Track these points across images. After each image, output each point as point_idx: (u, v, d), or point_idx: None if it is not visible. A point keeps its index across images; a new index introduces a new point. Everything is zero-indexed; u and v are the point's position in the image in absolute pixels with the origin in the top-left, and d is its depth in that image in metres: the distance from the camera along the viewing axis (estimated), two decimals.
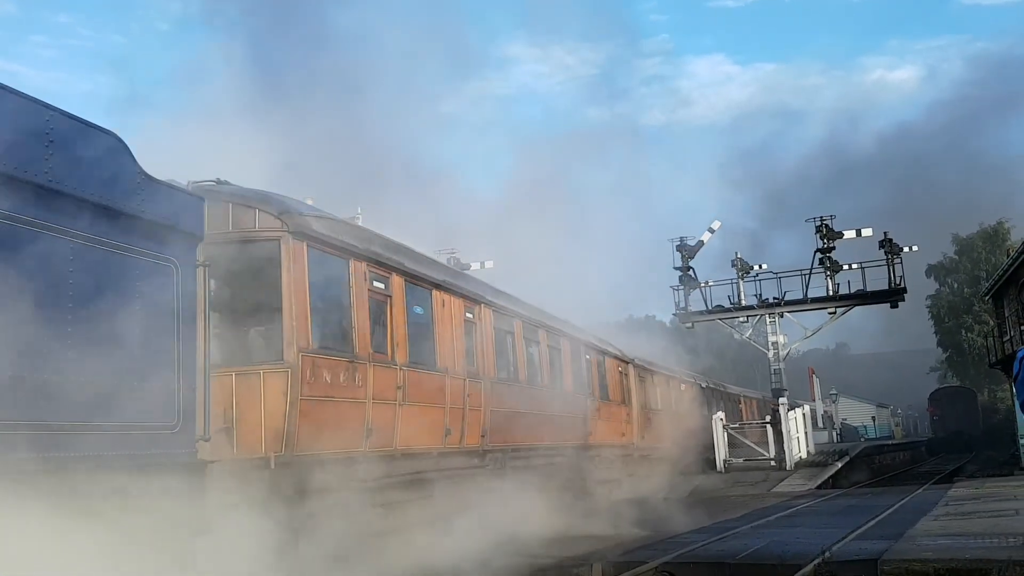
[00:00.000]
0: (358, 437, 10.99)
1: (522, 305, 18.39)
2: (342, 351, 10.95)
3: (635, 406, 25.71)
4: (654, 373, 28.78)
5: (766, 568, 10.74)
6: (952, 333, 64.35)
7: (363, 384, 11.06)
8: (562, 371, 19.64)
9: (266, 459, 9.51)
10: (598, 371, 22.54)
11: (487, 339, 15.59)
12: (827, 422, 50.99)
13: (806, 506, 19.48)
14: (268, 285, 10.21)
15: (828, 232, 33.40)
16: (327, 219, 11.46)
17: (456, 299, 14.53)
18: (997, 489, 18.87)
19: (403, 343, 12.30)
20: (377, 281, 11.97)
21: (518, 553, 12.81)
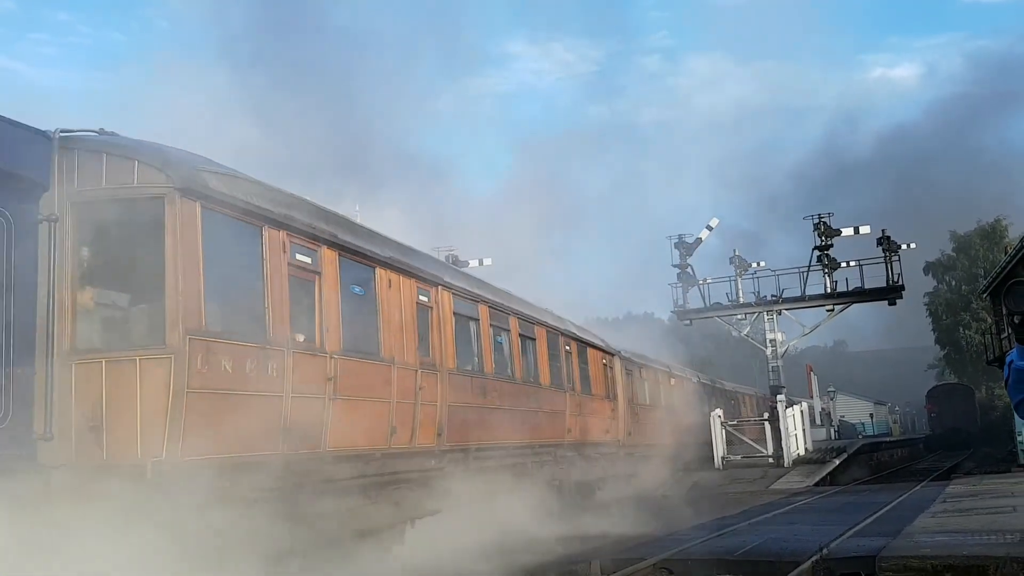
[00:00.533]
0: (272, 437, 9.24)
1: (489, 289, 16.87)
2: (250, 335, 9.10)
3: (621, 401, 24.35)
4: (643, 367, 27.62)
5: (764, 565, 10.69)
6: (950, 330, 64.03)
7: (279, 375, 9.30)
8: (536, 362, 18.05)
9: (141, 465, 7.75)
10: (579, 363, 20.94)
11: (445, 325, 13.83)
12: (825, 419, 50.95)
13: (804, 503, 19.44)
14: (150, 253, 8.31)
15: (826, 229, 33.30)
16: (232, 177, 9.51)
17: (407, 279, 12.77)
18: (994, 486, 18.74)
19: (335, 328, 10.56)
20: (302, 254, 10.23)
21: (511, 551, 12.88)
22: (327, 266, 10.76)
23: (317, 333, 10.31)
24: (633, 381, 26.20)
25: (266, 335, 9.31)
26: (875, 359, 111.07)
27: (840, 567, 10.12)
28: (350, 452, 10.84)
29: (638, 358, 27.29)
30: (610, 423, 23.17)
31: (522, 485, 15.95)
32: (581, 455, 20.37)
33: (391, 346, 11.90)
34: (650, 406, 27.83)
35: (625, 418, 24.45)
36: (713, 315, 35.59)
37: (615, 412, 23.75)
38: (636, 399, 26.25)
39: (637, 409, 26.06)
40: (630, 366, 26.00)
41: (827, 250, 33.30)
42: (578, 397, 20.30)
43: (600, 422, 22.28)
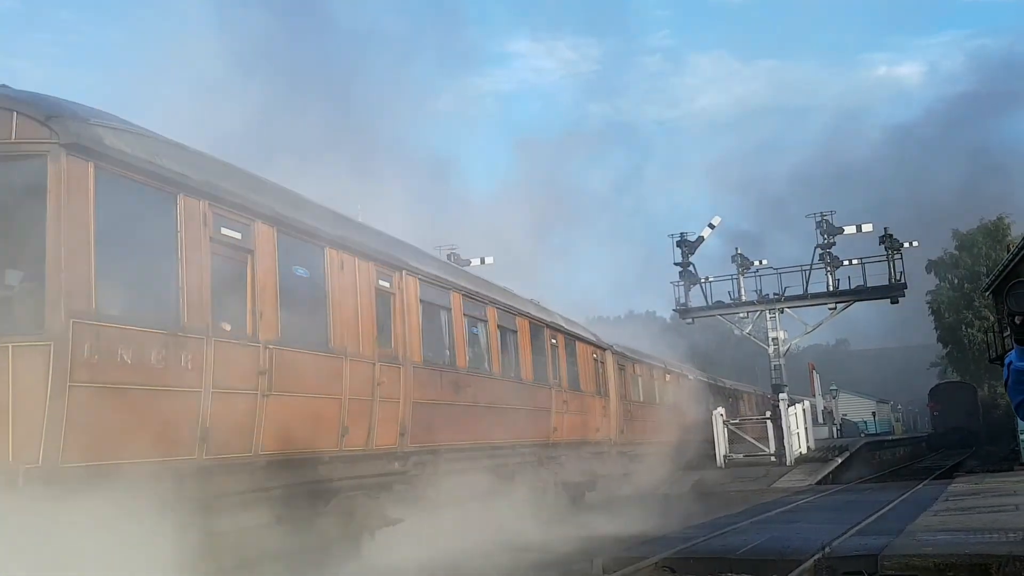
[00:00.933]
0: (186, 440, 7.91)
1: (462, 276, 15.75)
2: (157, 321, 7.72)
3: (613, 398, 23.35)
4: (637, 362, 26.72)
5: (766, 564, 10.60)
6: (952, 329, 63.75)
7: (195, 367, 7.98)
8: (518, 356, 16.74)
9: (12, 472, 6.48)
10: (567, 358, 19.73)
11: (410, 314, 12.47)
12: (827, 418, 50.92)
13: (806, 502, 19.35)
14: (30, 222, 7.01)
15: (828, 228, 33.30)
16: (138, 135, 8.05)
17: (363, 262, 11.41)
18: (997, 484, 18.68)
19: (272, 314, 9.20)
20: (229, 228, 8.89)
21: (514, 548, 12.83)
22: (262, 244, 9.36)
23: (248, 320, 8.94)
24: (626, 377, 25.25)
25: (179, 321, 7.96)
26: (877, 357, 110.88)
27: (842, 566, 10.07)
28: (291, 456, 9.48)
29: (632, 353, 26.43)
30: (601, 421, 22.11)
31: (503, 488, 14.96)
32: (569, 455, 19.32)
33: (343, 336, 10.60)
34: (645, 403, 27.05)
35: (618, 416, 23.50)
36: (715, 313, 35.53)
37: (607, 409, 22.74)
38: (629, 396, 25.33)
39: (631, 406, 25.19)
40: (623, 361, 25.08)
41: (829, 248, 33.26)
42: (565, 393, 19.12)
43: (590, 420, 21.21)
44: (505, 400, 15.66)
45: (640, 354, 27.62)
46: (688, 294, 35.13)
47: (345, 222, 11.81)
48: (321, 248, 10.62)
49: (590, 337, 22.28)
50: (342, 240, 11.04)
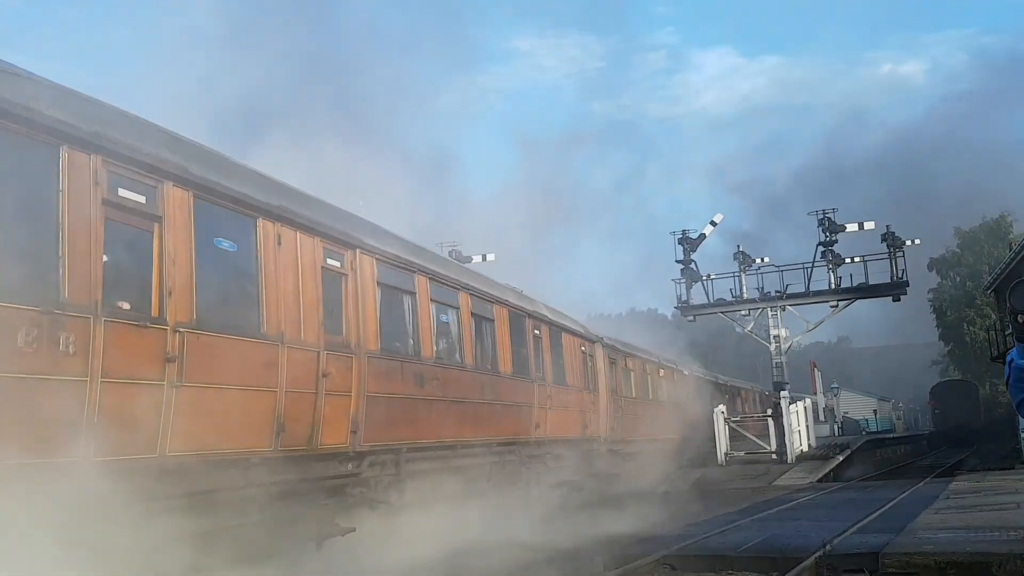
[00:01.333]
0: (65, 437, 6.70)
1: (430, 258, 14.18)
2: (26, 296, 6.49)
3: (604, 393, 22.26)
4: (630, 356, 25.69)
5: (767, 561, 10.56)
6: (954, 327, 63.68)
7: (79, 352, 6.78)
8: (495, 347, 15.54)
9: None
10: (551, 350, 18.54)
11: (365, 298, 11.16)
12: (828, 415, 50.92)
13: (807, 499, 19.29)
14: None
15: (830, 225, 33.28)
16: (13, 74, 6.93)
17: (307, 237, 10.15)
18: (998, 483, 18.61)
19: (185, 293, 7.95)
20: (130, 190, 7.64)
21: (516, 545, 12.75)
22: (174, 210, 8.06)
23: (154, 298, 7.69)
24: (617, 372, 24.14)
25: (58, 297, 6.74)
26: (879, 355, 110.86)
27: (843, 563, 10.04)
28: (209, 457, 8.23)
29: (623, 346, 25.38)
30: (590, 418, 20.95)
31: (477, 489, 14.00)
32: (555, 453, 18.25)
33: (279, 320, 9.32)
34: (638, 399, 26.14)
35: (608, 412, 22.42)
36: (717, 311, 35.52)
37: (596, 405, 21.63)
38: (621, 391, 24.29)
39: (623, 402, 24.13)
40: (614, 355, 24.00)
41: (831, 246, 33.25)
42: (549, 388, 17.95)
43: (577, 416, 20.01)
44: (480, 395, 14.47)
45: (633, 348, 26.71)
46: (690, 291, 35.13)
47: (288, 192, 10.42)
48: (252, 219, 9.29)
49: (578, 329, 21.18)
50: (280, 211, 9.68)
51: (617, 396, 23.66)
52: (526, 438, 16.70)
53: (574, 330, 20.68)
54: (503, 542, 12.09)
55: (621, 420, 23.56)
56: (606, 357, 23.03)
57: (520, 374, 16.58)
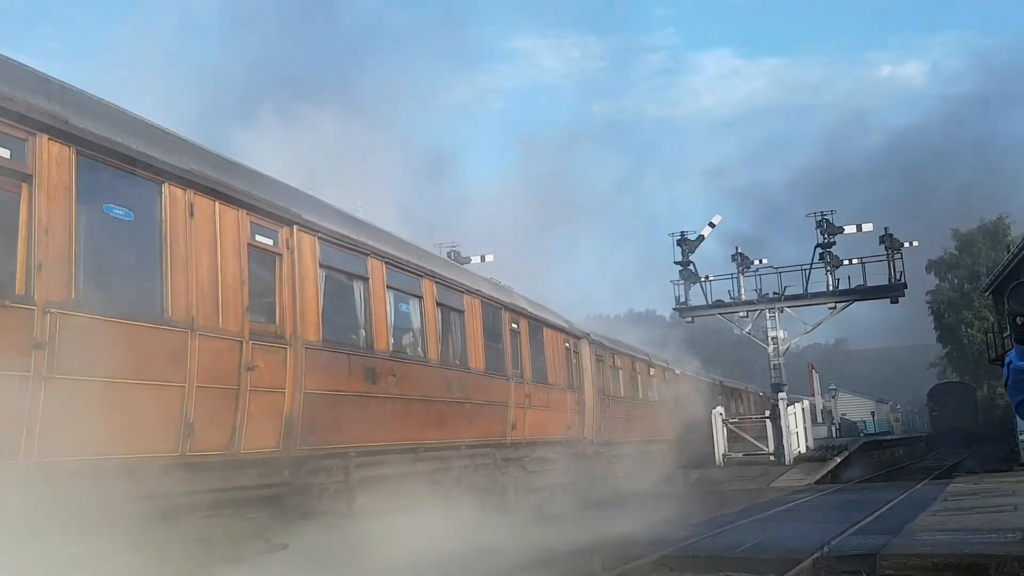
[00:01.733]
0: None
1: (390, 240, 12.56)
2: None
3: (590, 392, 21.01)
4: (618, 354, 24.56)
5: (765, 562, 10.52)
6: (952, 329, 63.67)
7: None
8: (464, 341, 14.18)
9: None
10: (531, 345, 17.33)
11: (305, 282, 9.91)
12: (826, 417, 50.97)
13: (805, 501, 19.28)
14: None
15: (828, 227, 33.33)
16: None
17: (229, 208, 8.82)
18: (996, 485, 18.57)
19: (61, 266, 6.81)
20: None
21: (516, 545, 12.72)
22: (49, 168, 6.85)
23: (20, 274, 6.56)
24: (605, 370, 22.97)
25: None
26: (877, 357, 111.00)
27: (841, 565, 10.03)
28: (91, 464, 6.88)
29: (612, 343, 24.36)
30: (574, 418, 19.59)
31: (446, 496, 12.79)
32: (533, 456, 17.14)
33: (189, 303, 8.04)
34: (627, 399, 25.08)
35: (594, 412, 21.25)
36: (715, 312, 35.52)
37: (581, 405, 20.32)
38: (609, 390, 23.20)
39: (610, 402, 22.99)
40: (602, 352, 22.85)
41: (829, 248, 33.28)
42: (528, 386, 16.64)
43: (559, 416, 18.70)
44: (446, 393, 13.07)
45: (622, 345, 25.71)
46: (688, 293, 35.16)
47: (207, 156, 9.03)
48: (158, 184, 7.96)
49: (561, 324, 19.89)
50: (194, 176, 8.33)
51: (604, 395, 22.52)
52: (501, 440, 15.37)
53: (557, 325, 19.40)
54: (473, 551, 11.26)
55: (609, 421, 22.49)
56: (593, 354, 21.95)
57: (494, 371, 15.23)
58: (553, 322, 19.12)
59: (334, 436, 10.15)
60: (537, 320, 18.03)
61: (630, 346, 26.67)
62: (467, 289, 14.62)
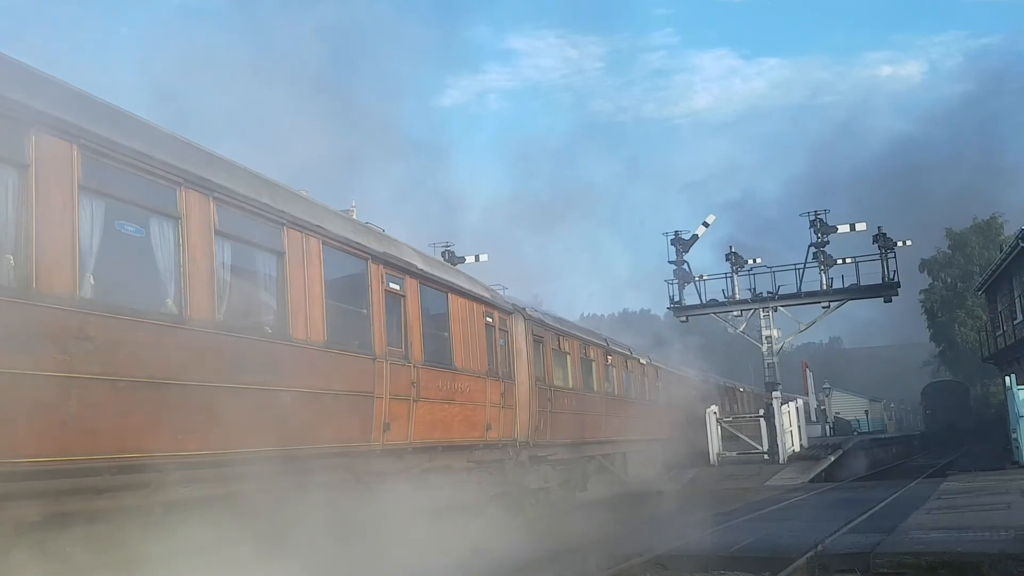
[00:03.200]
0: None
1: (177, 150, 8.48)
2: None
3: (523, 382, 16.91)
4: (564, 335, 20.36)
5: (759, 561, 10.59)
6: (945, 328, 63.88)
7: None
8: (284, 298, 9.70)
9: None
10: (425, 316, 13.01)
11: None
12: (820, 416, 51.06)
13: (799, 499, 19.29)
14: None
15: (822, 226, 33.47)
16: None
17: None
18: (989, 483, 18.63)
19: None
20: None
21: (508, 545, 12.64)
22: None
23: None
24: (546, 354, 18.82)
25: None
26: (870, 356, 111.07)
27: (835, 563, 10.09)
28: None
29: (556, 322, 20.26)
30: (498, 414, 15.43)
31: (260, 528, 8.73)
32: (423, 467, 12.63)
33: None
34: (578, 392, 20.90)
35: (529, 407, 17.07)
36: (709, 312, 35.63)
37: (509, 397, 16.08)
38: (551, 380, 18.97)
39: (553, 395, 18.71)
40: (541, 332, 18.65)
41: (823, 247, 33.40)
42: (416, 370, 12.37)
43: (473, 413, 14.41)
44: (229, 374, 8.54)
45: (571, 326, 21.92)
46: (682, 292, 35.24)
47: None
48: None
49: (482, 293, 15.94)
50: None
51: (546, 387, 18.28)
52: (363, 445, 11.01)
53: (473, 293, 15.26)
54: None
55: (550, 418, 18.19)
56: (530, 334, 17.77)
57: (354, 347, 11.07)
58: (465, 288, 14.94)
59: (45, 442, 6.93)
60: (435, 282, 13.76)
61: (584, 328, 23.42)
62: (292, 221, 10.05)
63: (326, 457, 10.34)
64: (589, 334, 23.11)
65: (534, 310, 18.77)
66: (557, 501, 18.92)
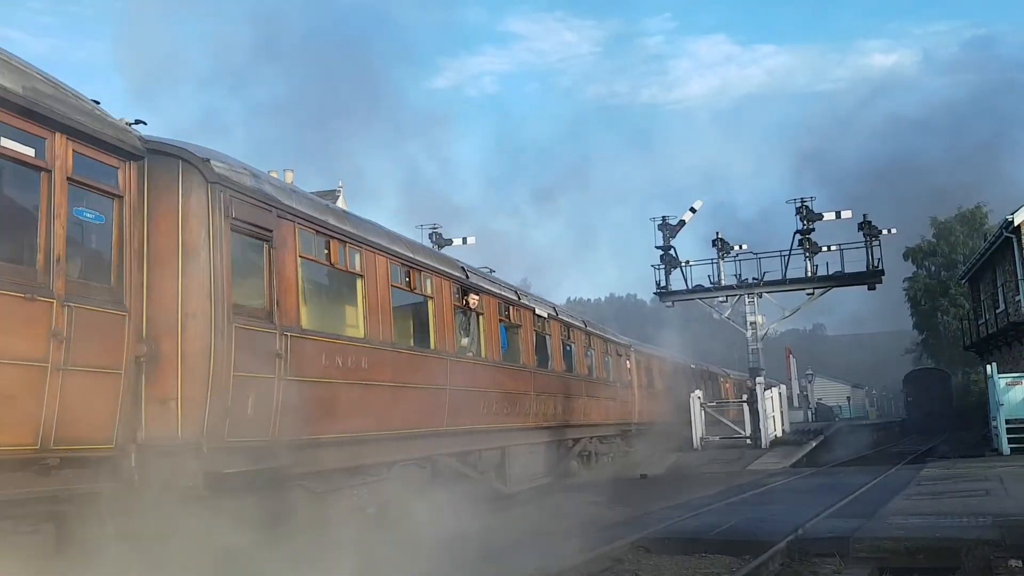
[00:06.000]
0: None
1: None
2: None
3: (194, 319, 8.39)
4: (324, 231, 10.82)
5: (741, 544, 10.66)
6: (928, 316, 64.15)
7: None
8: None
9: None
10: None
11: None
12: (803, 402, 51.42)
13: (781, 484, 19.40)
14: None
15: (808, 214, 33.52)
16: None
17: None
18: (968, 470, 18.77)
19: None
20: None
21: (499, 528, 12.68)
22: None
23: None
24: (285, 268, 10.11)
25: None
26: (853, 343, 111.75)
27: (815, 547, 10.19)
28: None
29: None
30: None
31: None
32: None
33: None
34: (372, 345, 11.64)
35: (209, 373, 8.04)
36: (695, 297, 35.64)
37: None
38: (289, 316, 9.95)
39: (305, 346, 9.89)
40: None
41: (808, 234, 33.47)
42: None
43: None
44: None
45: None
46: (669, 277, 35.27)
47: None
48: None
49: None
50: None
51: (246, 315, 8.94)
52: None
53: None
54: None
55: (303, 394, 9.53)
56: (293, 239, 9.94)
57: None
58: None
59: None
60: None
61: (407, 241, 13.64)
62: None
63: None
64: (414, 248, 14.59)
65: None
66: None
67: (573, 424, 20.19)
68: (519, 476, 16.67)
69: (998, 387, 22.83)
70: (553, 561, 9.55)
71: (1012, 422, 22.58)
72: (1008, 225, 28.57)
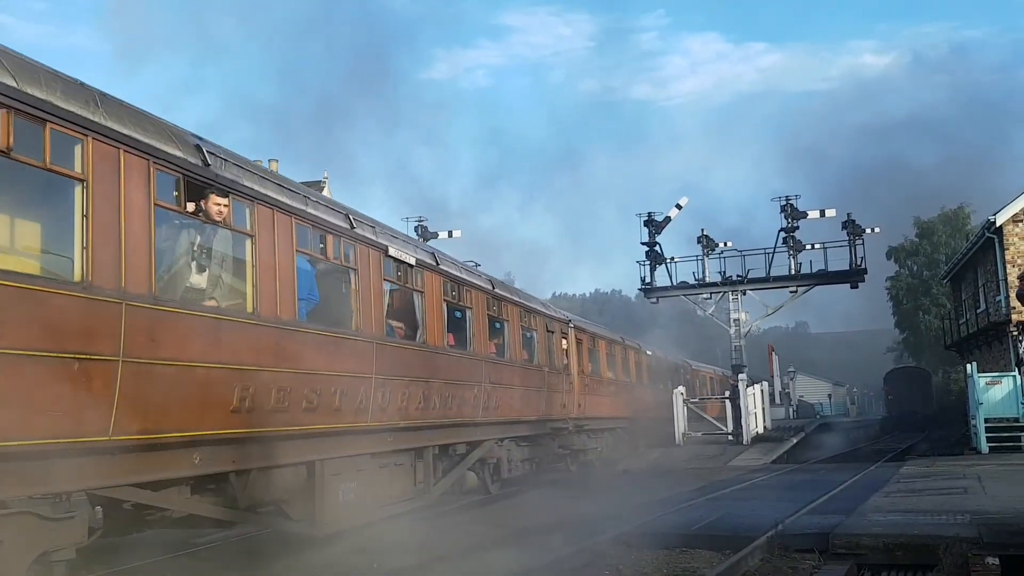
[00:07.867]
0: None
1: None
2: None
3: None
4: None
5: (721, 539, 10.64)
6: (910, 315, 64.50)
7: None
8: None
9: None
10: None
11: None
12: (784, 399, 51.60)
13: (761, 480, 19.44)
14: None
15: (793, 212, 33.68)
16: None
17: None
18: (947, 468, 18.79)
19: None
20: None
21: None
22: None
23: None
24: None
25: None
26: (835, 341, 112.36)
27: (794, 543, 10.21)
28: None
29: None
30: None
31: None
32: None
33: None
34: None
35: None
36: (679, 294, 35.78)
37: None
38: None
39: None
40: None
41: (793, 232, 33.61)
42: None
43: None
44: None
45: None
46: (654, 273, 35.35)
47: None
48: None
49: None
50: None
51: None
52: None
53: None
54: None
55: None
56: None
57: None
58: None
59: None
60: None
61: None
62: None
63: None
64: None
65: None
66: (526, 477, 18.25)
67: (464, 422, 14.49)
68: (354, 504, 10.72)
69: (978, 386, 22.98)
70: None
71: (991, 421, 22.73)
72: (990, 226, 28.73)
